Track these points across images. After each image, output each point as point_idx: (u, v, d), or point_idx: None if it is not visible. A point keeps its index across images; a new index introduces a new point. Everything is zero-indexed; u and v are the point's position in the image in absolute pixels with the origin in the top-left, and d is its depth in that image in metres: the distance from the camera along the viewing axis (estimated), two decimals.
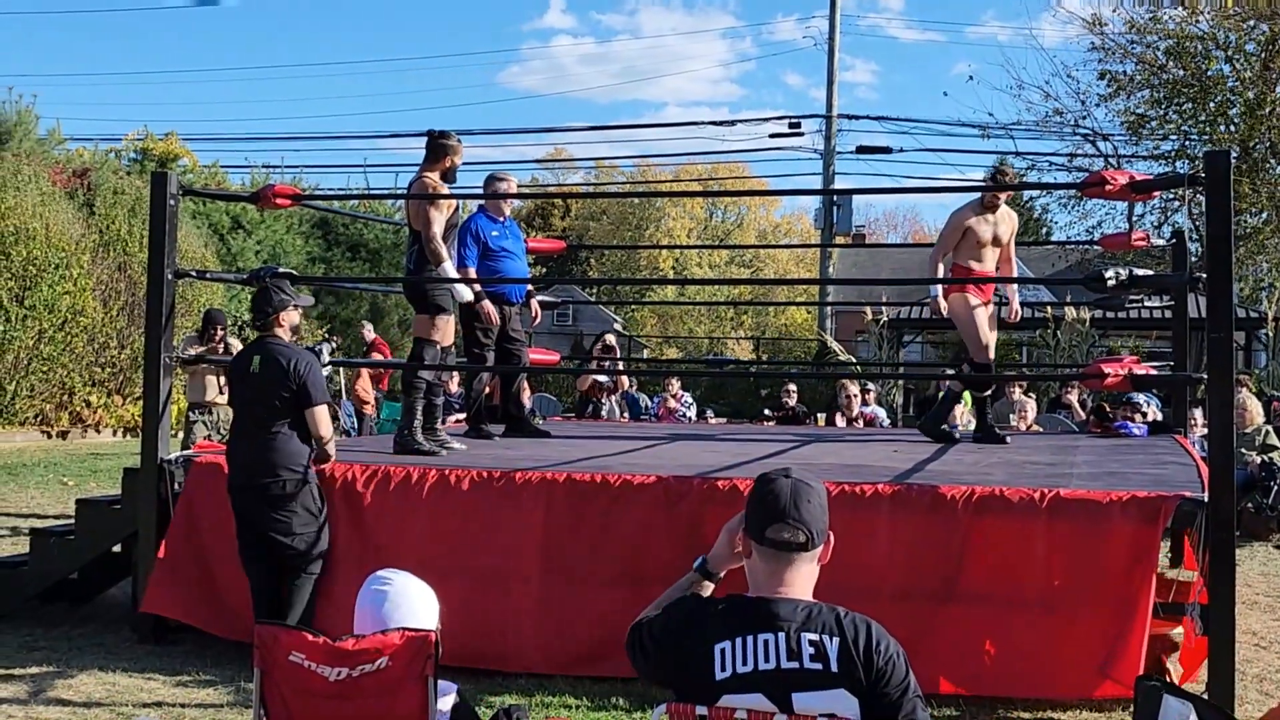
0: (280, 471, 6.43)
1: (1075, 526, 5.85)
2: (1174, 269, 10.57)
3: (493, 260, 9.04)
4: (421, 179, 8.00)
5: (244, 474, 6.53)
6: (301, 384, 6.44)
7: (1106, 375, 6.91)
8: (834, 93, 32.37)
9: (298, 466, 6.47)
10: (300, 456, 6.49)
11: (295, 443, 6.49)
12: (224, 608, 6.84)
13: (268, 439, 6.47)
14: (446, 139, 8.13)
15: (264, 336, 6.65)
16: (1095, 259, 22.79)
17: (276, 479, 6.43)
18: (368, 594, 3.86)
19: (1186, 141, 23.96)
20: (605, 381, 13.02)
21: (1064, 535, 5.86)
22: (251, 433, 6.57)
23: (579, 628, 6.32)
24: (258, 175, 28.81)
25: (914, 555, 6.04)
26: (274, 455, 6.44)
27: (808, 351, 33.30)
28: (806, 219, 57.82)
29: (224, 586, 6.86)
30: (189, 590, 6.95)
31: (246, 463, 6.54)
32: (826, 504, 2.97)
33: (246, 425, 6.64)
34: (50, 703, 5.98)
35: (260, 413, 6.54)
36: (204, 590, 6.91)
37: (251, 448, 6.53)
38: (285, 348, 6.55)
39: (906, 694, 2.79)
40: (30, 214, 18.39)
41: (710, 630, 2.87)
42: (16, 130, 24.23)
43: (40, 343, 18.57)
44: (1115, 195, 7.13)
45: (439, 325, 8.09)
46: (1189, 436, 9.84)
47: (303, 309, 6.97)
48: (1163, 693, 2.82)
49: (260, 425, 6.53)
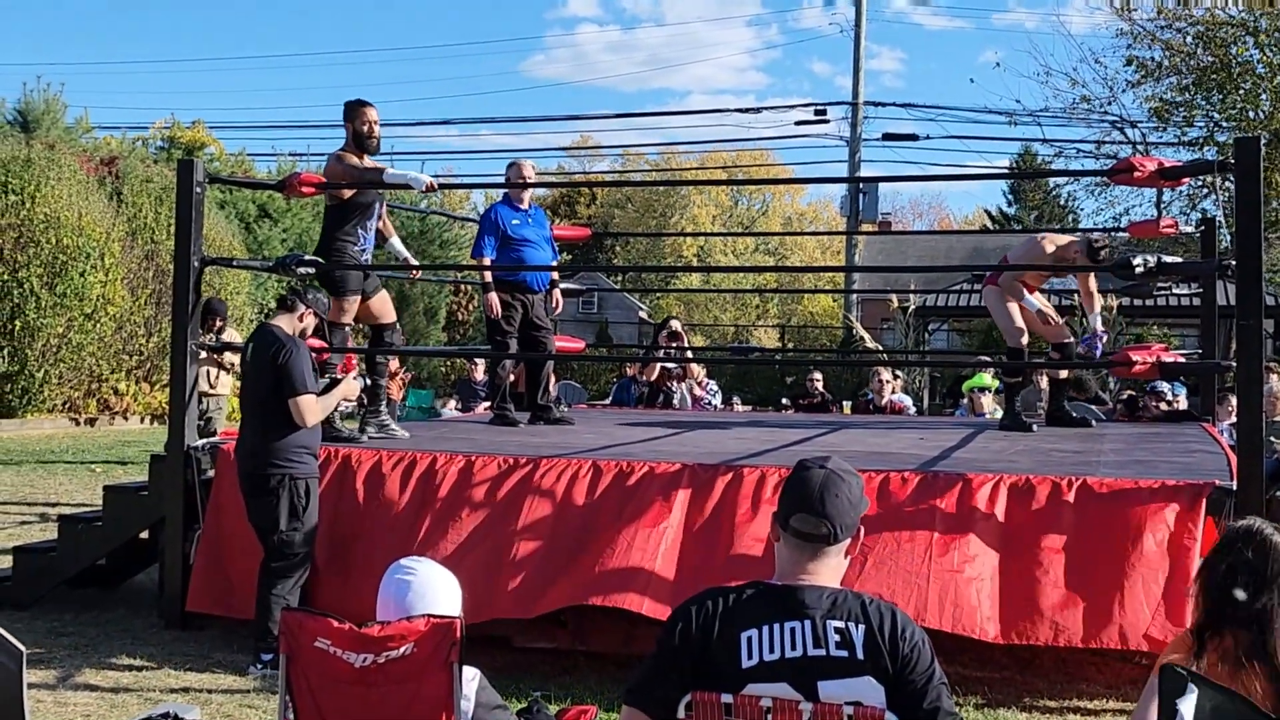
0: (267, 465, 6.30)
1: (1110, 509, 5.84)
2: (1203, 256, 10.50)
3: (513, 249, 9.01)
4: (339, 152, 7.84)
5: (240, 461, 6.51)
6: (281, 371, 6.28)
7: (1135, 363, 6.87)
8: (860, 80, 32.28)
9: (287, 460, 6.30)
10: (291, 450, 6.31)
11: (290, 435, 6.31)
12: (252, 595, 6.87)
13: (261, 428, 6.39)
14: (353, 105, 7.91)
15: (263, 323, 6.61)
16: (1123, 246, 22.66)
17: (264, 472, 6.32)
18: (391, 582, 3.88)
19: (1215, 128, 23.78)
20: (674, 369, 12.93)
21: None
22: (248, 421, 6.53)
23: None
24: (284, 163, 28.91)
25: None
26: (265, 445, 6.34)
27: (833, 339, 33.23)
28: (832, 206, 57.74)
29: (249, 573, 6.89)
30: (226, 582, 6.98)
31: (243, 451, 6.51)
32: (860, 498, 2.95)
33: (245, 414, 6.62)
34: (79, 688, 6.02)
35: (251, 401, 6.51)
36: (238, 579, 6.93)
37: (249, 436, 6.49)
38: (275, 335, 6.44)
39: (931, 681, 2.78)
40: (63, 202, 18.48)
41: (737, 618, 2.86)
42: (44, 118, 24.37)
43: (69, 330, 18.67)
44: (1144, 182, 7.08)
45: (345, 307, 7.85)
46: (1217, 425, 9.78)
47: (320, 316, 6.89)
48: (1188, 680, 2.80)
49: (253, 414, 6.48)
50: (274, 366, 6.30)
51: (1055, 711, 5.87)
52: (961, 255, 46.12)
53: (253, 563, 6.61)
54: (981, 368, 13.31)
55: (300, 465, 6.36)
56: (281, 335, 6.44)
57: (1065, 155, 26.69)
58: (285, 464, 6.31)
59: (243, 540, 6.84)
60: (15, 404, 18.56)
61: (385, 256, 10.05)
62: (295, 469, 6.34)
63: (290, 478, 6.32)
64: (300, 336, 6.57)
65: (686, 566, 6.05)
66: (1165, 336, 23.38)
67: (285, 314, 6.58)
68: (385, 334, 8.27)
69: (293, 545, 6.36)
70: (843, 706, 2.76)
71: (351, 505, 6.79)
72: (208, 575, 7.03)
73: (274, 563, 6.36)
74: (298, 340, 6.48)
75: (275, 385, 6.30)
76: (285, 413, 6.30)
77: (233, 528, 6.98)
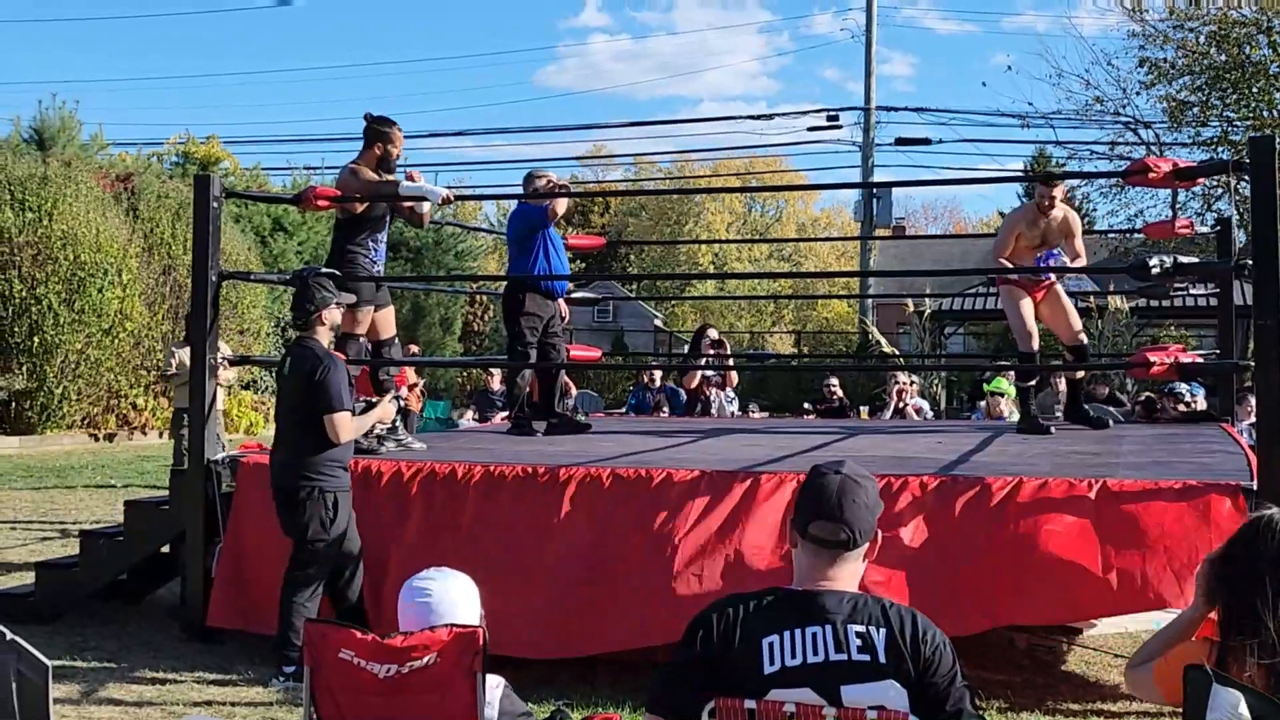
0: (299, 478, 6.33)
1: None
2: (1219, 256, 10.47)
3: (547, 253, 9.04)
4: (353, 166, 7.81)
5: (273, 475, 6.53)
6: (318, 389, 6.30)
7: (1152, 364, 6.86)
8: (872, 85, 32.26)
9: (318, 474, 6.33)
10: (322, 464, 6.34)
11: (322, 450, 6.34)
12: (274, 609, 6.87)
13: (294, 442, 6.42)
14: (382, 124, 7.89)
15: (301, 337, 6.62)
16: (1138, 248, 22.60)
17: (295, 485, 6.34)
18: (411, 592, 3.91)
19: (1229, 128, 23.71)
20: (713, 377, 12.90)
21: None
22: (282, 435, 6.57)
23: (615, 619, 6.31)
24: (299, 177, 29.01)
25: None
26: (298, 459, 6.37)
27: (849, 345, 33.19)
28: (846, 212, 57.61)
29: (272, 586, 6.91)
30: (248, 597, 7.00)
31: (276, 464, 6.54)
32: (877, 502, 2.95)
33: (280, 428, 6.65)
34: (102, 702, 6.04)
35: (287, 415, 6.54)
36: (260, 594, 6.94)
37: (282, 450, 6.53)
38: (313, 350, 6.47)
39: (954, 683, 2.78)
40: (80, 219, 18.57)
41: (758, 624, 2.86)
42: (60, 136, 24.48)
43: (88, 347, 18.76)
44: (1159, 182, 7.07)
45: (359, 319, 7.84)
46: (1236, 425, 9.75)
47: (344, 306, 6.93)
48: (1212, 681, 2.80)
49: (287, 428, 6.51)
50: (310, 383, 6.33)
51: (1078, 714, 5.86)
52: (976, 259, 45.76)
53: (275, 576, 6.64)
54: (999, 371, 13.27)
55: (331, 479, 6.38)
56: (319, 351, 6.47)
57: (1079, 157, 26.63)
58: (316, 477, 6.33)
59: (264, 554, 6.86)
60: (35, 421, 18.66)
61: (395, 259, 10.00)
62: (325, 482, 6.35)
63: (320, 490, 6.33)
64: (333, 332, 6.65)
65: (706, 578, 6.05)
66: (1182, 337, 23.31)
67: (314, 326, 6.56)
68: (384, 349, 8.25)
69: (316, 557, 6.37)
70: (866, 711, 2.76)
71: (374, 517, 6.80)
72: (229, 590, 7.05)
73: (295, 572, 6.38)
74: (335, 359, 6.49)
75: (310, 401, 6.33)
76: (319, 428, 6.32)
77: (254, 542, 7.01)
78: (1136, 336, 19.99)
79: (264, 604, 6.74)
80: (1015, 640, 7.11)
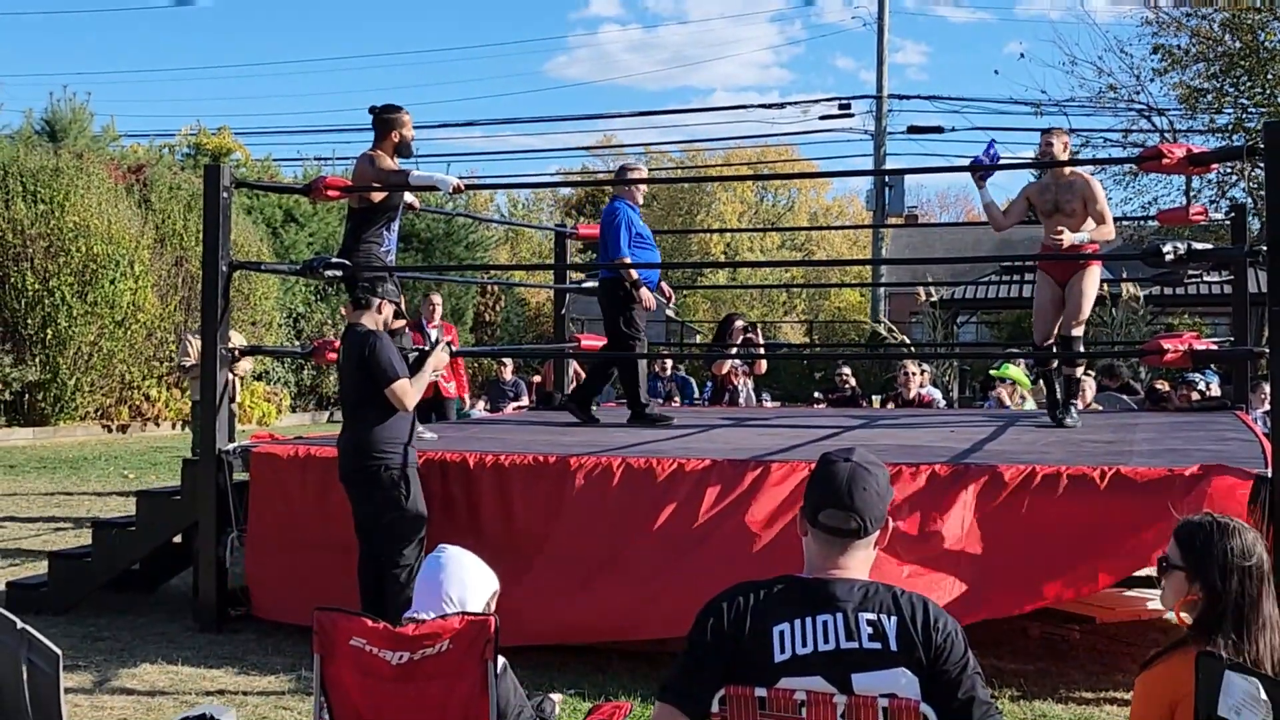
0: (366, 458, 6.37)
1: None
2: (1233, 243, 10.43)
3: (639, 248, 9.11)
4: (371, 154, 7.78)
5: (341, 460, 6.55)
6: (371, 366, 6.37)
7: (1166, 351, 6.83)
8: (884, 73, 32.17)
9: (381, 453, 6.37)
10: (385, 443, 6.39)
11: (384, 428, 6.40)
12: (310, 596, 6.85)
13: (357, 425, 6.47)
14: (390, 111, 7.87)
15: (351, 325, 6.66)
16: (1151, 235, 22.52)
17: (362, 465, 6.39)
18: (425, 570, 3.97)
19: (1243, 114, 23.61)
20: (741, 366, 12.85)
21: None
22: (346, 419, 6.63)
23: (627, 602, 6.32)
24: (310, 168, 29.03)
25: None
26: (361, 441, 6.41)
27: (861, 334, 33.15)
28: (858, 201, 57.41)
29: (305, 575, 6.92)
30: (284, 588, 7.05)
31: (342, 449, 6.57)
32: (887, 489, 2.93)
33: (344, 413, 6.71)
34: (115, 692, 6.06)
35: (348, 399, 6.61)
36: (295, 583, 6.96)
37: (346, 434, 6.57)
38: (358, 334, 6.52)
39: (966, 670, 2.76)
40: (92, 211, 18.62)
41: (769, 612, 2.84)
42: (72, 127, 24.53)
43: (100, 338, 18.81)
44: (1173, 169, 7.01)
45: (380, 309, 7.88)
46: (1251, 413, 9.71)
47: (395, 305, 6.93)
48: (1225, 668, 2.77)
49: (350, 411, 6.58)
50: (361, 363, 6.40)
51: (1092, 703, 5.85)
52: (989, 247, 45.56)
53: (305, 566, 6.70)
54: (1009, 359, 13.23)
55: (393, 456, 6.41)
56: (363, 332, 6.52)
57: (1093, 144, 26.53)
58: (381, 455, 6.38)
59: (289, 545, 6.93)
60: (48, 412, 18.73)
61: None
62: (390, 459, 6.39)
63: (386, 468, 6.37)
64: (385, 329, 6.65)
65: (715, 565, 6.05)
66: (1196, 325, 23.25)
67: (364, 312, 6.62)
68: (395, 339, 8.25)
69: (401, 538, 6.36)
70: (877, 699, 2.74)
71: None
72: (262, 585, 7.11)
73: (392, 569, 6.35)
74: (379, 334, 6.54)
75: (365, 382, 6.40)
76: (377, 408, 6.39)
77: (278, 533, 7.06)
78: (1150, 324, 19.94)
79: (300, 595, 6.69)
80: (1028, 629, 7.10)
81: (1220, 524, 3.12)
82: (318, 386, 24.78)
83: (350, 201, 7.92)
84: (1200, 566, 3.07)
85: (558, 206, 54.97)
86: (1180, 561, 3.12)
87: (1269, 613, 3.01)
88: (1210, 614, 3.03)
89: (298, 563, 7.01)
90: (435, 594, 3.85)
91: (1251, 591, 3.02)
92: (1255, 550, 3.08)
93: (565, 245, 11.84)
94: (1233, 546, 3.06)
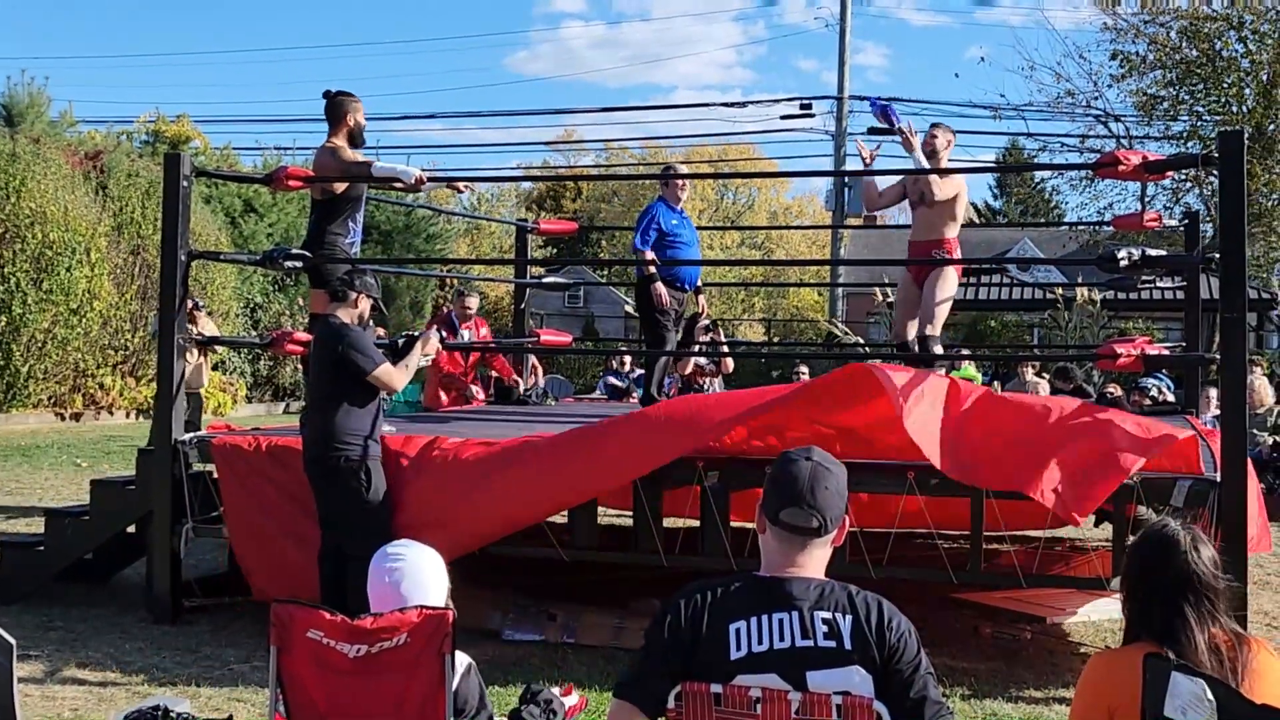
0: (327, 448, 6.37)
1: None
2: (1186, 249, 10.54)
3: (669, 246, 9.19)
4: (330, 145, 7.69)
5: (305, 449, 6.55)
6: (345, 360, 6.34)
7: (1119, 355, 6.91)
8: (845, 74, 32.25)
9: (342, 444, 6.36)
10: (347, 434, 6.37)
11: (346, 420, 6.38)
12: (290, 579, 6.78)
13: (321, 414, 6.46)
14: (345, 95, 7.80)
15: (322, 315, 6.64)
16: (1106, 240, 22.71)
17: (323, 455, 6.39)
18: (380, 570, 3.92)
19: (1199, 122, 23.82)
20: (707, 365, 12.85)
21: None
22: (312, 407, 6.63)
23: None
24: (270, 157, 28.84)
25: None
26: (323, 432, 6.40)
27: (819, 333, 33.26)
28: (818, 201, 57.62)
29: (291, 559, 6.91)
30: (274, 567, 7.02)
31: (306, 439, 6.56)
32: (845, 488, 2.96)
33: (309, 401, 6.73)
34: (67, 682, 6.03)
35: (314, 388, 6.63)
36: (284, 562, 6.95)
37: (311, 423, 6.56)
38: (332, 327, 6.48)
39: (919, 670, 2.80)
40: (49, 197, 18.42)
41: (726, 610, 2.86)
42: (29, 112, 24.30)
43: (55, 326, 18.62)
44: (1129, 175, 7.09)
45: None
46: (1200, 418, 9.83)
47: (373, 300, 6.91)
48: (1172, 670, 2.80)
49: (314, 400, 6.60)
50: (335, 357, 6.37)
51: (1041, 702, 5.92)
52: None
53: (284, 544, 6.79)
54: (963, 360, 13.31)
55: (354, 448, 6.39)
56: (337, 324, 6.48)
57: (1050, 149, 26.73)
58: (341, 447, 6.37)
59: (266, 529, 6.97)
60: (0, 400, 18.52)
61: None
62: (350, 450, 6.38)
63: (346, 459, 6.36)
64: (359, 322, 6.60)
65: None
66: (1149, 329, 23.46)
67: (341, 304, 6.56)
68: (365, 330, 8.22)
69: (363, 526, 6.30)
70: (831, 696, 2.77)
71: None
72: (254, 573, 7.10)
73: (354, 563, 6.07)
74: (351, 326, 6.49)
75: (334, 374, 6.38)
76: (342, 400, 6.37)
77: (253, 519, 7.05)
78: (1104, 328, 20.10)
79: (291, 570, 6.77)
80: (980, 628, 7.17)
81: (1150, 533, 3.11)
82: (274, 377, 24.62)
83: (313, 193, 7.86)
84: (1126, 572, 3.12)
85: (519, 201, 54.88)
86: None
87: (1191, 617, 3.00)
88: (1133, 617, 3.07)
89: (284, 548, 6.96)
90: (393, 594, 3.83)
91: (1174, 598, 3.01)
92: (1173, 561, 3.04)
93: (526, 240, 11.83)
94: (1144, 554, 3.07)
